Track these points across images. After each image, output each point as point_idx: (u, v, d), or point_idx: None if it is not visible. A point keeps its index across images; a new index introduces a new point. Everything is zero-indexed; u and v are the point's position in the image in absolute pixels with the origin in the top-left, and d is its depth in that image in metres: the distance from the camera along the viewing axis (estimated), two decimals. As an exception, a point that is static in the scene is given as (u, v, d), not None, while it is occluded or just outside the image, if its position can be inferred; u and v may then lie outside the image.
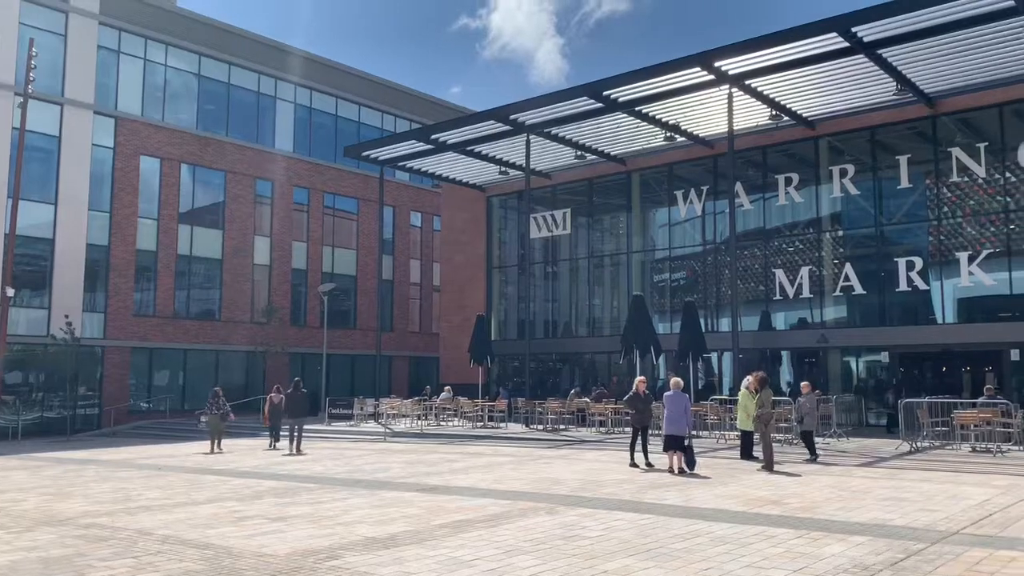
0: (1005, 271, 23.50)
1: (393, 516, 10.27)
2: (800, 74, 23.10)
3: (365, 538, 8.85)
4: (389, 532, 9.17)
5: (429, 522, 9.78)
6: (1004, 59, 21.27)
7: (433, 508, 10.82)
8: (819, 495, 11.43)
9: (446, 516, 10.16)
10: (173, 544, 8.77)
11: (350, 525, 9.67)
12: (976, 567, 7.17)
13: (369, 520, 10.00)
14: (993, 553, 7.69)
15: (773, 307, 28.03)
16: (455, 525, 9.54)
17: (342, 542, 8.67)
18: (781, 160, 28.41)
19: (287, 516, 10.41)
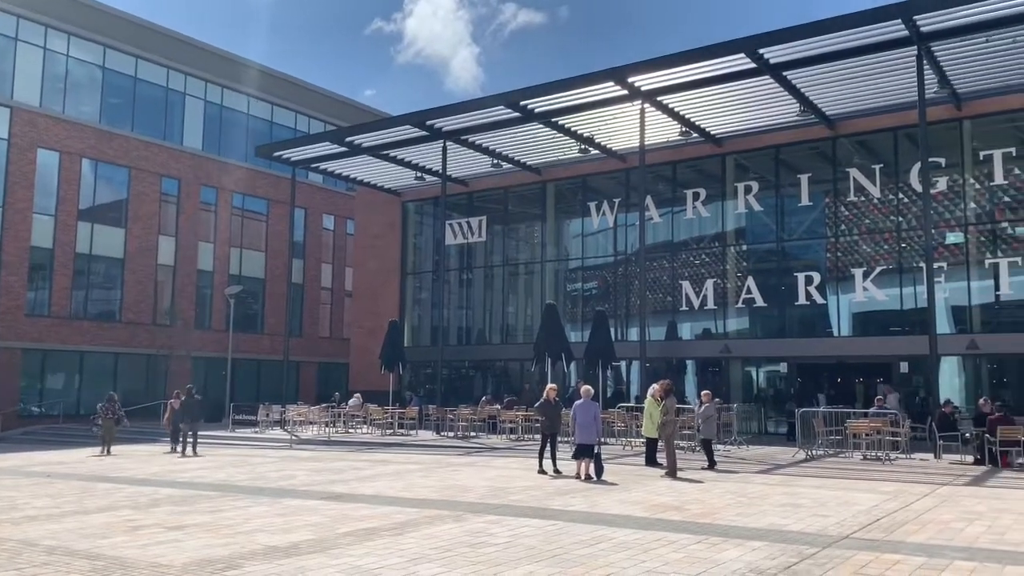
0: (896, 287, 24.76)
1: (296, 524, 10.07)
2: (709, 92, 23.81)
3: (266, 547, 8.65)
4: (292, 541, 9.00)
5: (334, 530, 9.63)
6: (898, 86, 22.40)
7: (338, 516, 10.66)
8: (719, 501, 11.77)
9: (351, 524, 10.03)
10: (60, 555, 8.38)
11: (251, 534, 9.44)
12: (863, 570, 7.52)
13: (271, 528, 9.78)
14: (879, 556, 8.07)
15: (680, 318, 28.76)
16: (360, 533, 9.43)
17: (242, 551, 8.46)
18: (690, 175, 29.22)
19: (185, 525, 10.08)
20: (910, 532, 9.33)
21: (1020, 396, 22.32)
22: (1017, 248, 23.54)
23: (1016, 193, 23.63)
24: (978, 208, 24.33)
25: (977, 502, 11.71)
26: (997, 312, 23.77)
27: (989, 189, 24.00)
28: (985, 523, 9.90)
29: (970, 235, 24.28)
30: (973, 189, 24.30)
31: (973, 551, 8.28)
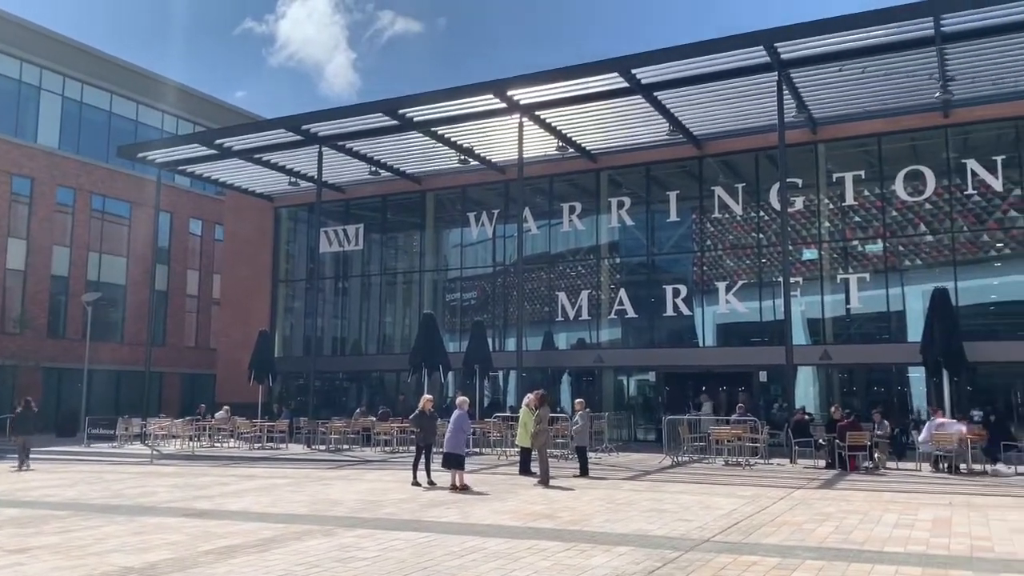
0: (756, 300, 26.06)
1: (155, 543, 9.56)
2: (585, 109, 24.40)
3: (121, 568, 8.17)
4: (148, 561, 8.53)
5: (194, 548, 9.21)
6: (760, 110, 23.61)
7: (200, 534, 10.20)
8: (589, 508, 12.01)
9: (214, 542, 9.62)
10: None
11: (104, 555, 8.89)
12: (722, 572, 7.83)
13: (127, 548, 9.25)
14: (737, 558, 8.43)
15: (556, 328, 29.24)
16: (223, 551, 9.05)
17: (94, 574, 7.95)
18: (566, 189, 29.82)
19: (29, 547, 9.39)
20: (766, 534, 9.80)
21: (868, 403, 23.87)
22: (866, 265, 25.25)
23: (865, 213, 25.34)
24: (831, 227, 25.94)
25: (827, 504, 12.43)
26: (848, 324, 25.40)
27: (841, 209, 25.65)
28: (834, 524, 10.52)
29: (824, 252, 25.85)
30: (827, 209, 25.90)
31: (822, 551, 8.78)
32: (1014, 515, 11.23)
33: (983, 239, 24.03)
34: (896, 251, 24.90)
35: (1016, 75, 21.47)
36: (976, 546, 8.99)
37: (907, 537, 9.54)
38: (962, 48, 20.09)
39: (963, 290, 23.14)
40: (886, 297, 24.48)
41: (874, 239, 25.24)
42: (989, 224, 23.80)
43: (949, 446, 16.87)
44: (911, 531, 9.95)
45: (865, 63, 20.95)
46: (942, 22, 18.84)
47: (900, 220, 24.85)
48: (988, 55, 20.51)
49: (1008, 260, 23.71)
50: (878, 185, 25.07)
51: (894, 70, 21.23)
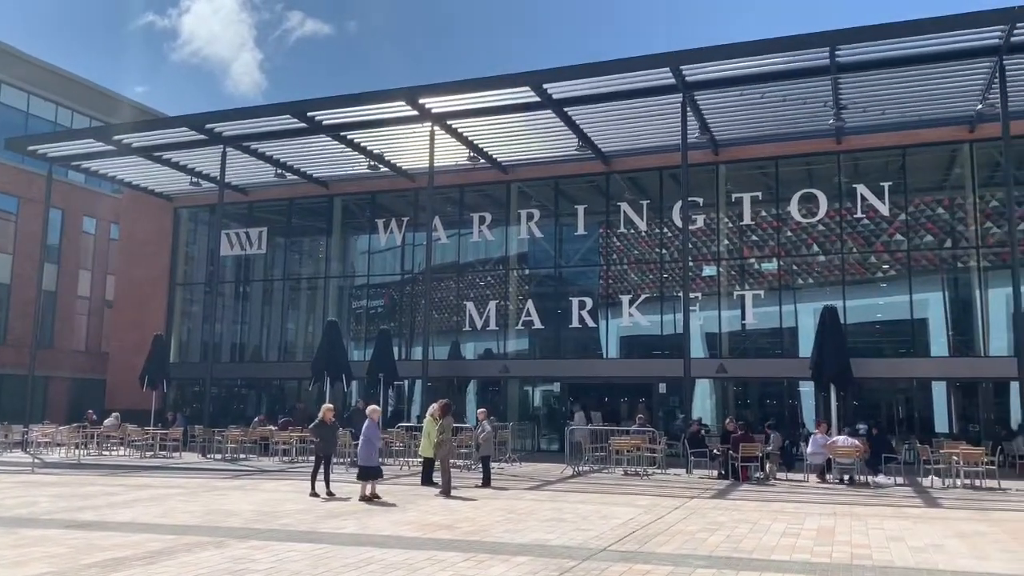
0: (658, 314, 26.73)
1: (34, 556, 9.06)
2: (497, 120, 24.58)
3: (-8, 585, 7.72)
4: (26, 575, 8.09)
5: (77, 562, 8.77)
6: (665, 129, 24.26)
7: (83, 546, 9.73)
8: (489, 519, 12.04)
9: (98, 555, 9.19)
10: None
11: (-26, 571, 8.37)
12: (616, 579, 7.97)
13: (2, 563, 8.73)
14: (632, 567, 8.59)
15: (463, 338, 29.25)
16: (108, 564, 8.66)
17: (-39, 592, 7.48)
18: (477, 199, 29.93)
19: None
20: (661, 543, 10.03)
21: (761, 416, 24.78)
22: (761, 282, 26.25)
23: (762, 233, 26.37)
24: (730, 245, 26.87)
25: (720, 513, 12.83)
26: (743, 339, 26.32)
27: (739, 228, 26.61)
28: (725, 532, 10.86)
29: (722, 269, 26.75)
30: (726, 227, 26.82)
31: (713, 559, 9.05)
32: (891, 524, 11.84)
33: (871, 260, 25.32)
34: (790, 270, 25.98)
35: (903, 106, 22.76)
36: (856, 554, 9.43)
37: (793, 545, 9.93)
38: (855, 79, 21.19)
39: (851, 309, 24.32)
40: (779, 313, 25.49)
41: (769, 258, 26.27)
42: (876, 246, 25.11)
43: (847, 459, 17.68)
44: (797, 539, 10.36)
45: (765, 89, 21.84)
46: (837, 53, 19.82)
47: (794, 240, 25.95)
48: (878, 86, 21.69)
49: (893, 281, 25.05)
50: (774, 206, 26.13)
51: (791, 97, 22.20)
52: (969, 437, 21.82)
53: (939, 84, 21.49)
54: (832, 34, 19.37)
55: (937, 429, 23.73)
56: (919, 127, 23.89)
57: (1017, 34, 18.66)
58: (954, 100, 22.33)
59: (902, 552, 9.55)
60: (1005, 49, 19.18)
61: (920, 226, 24.80)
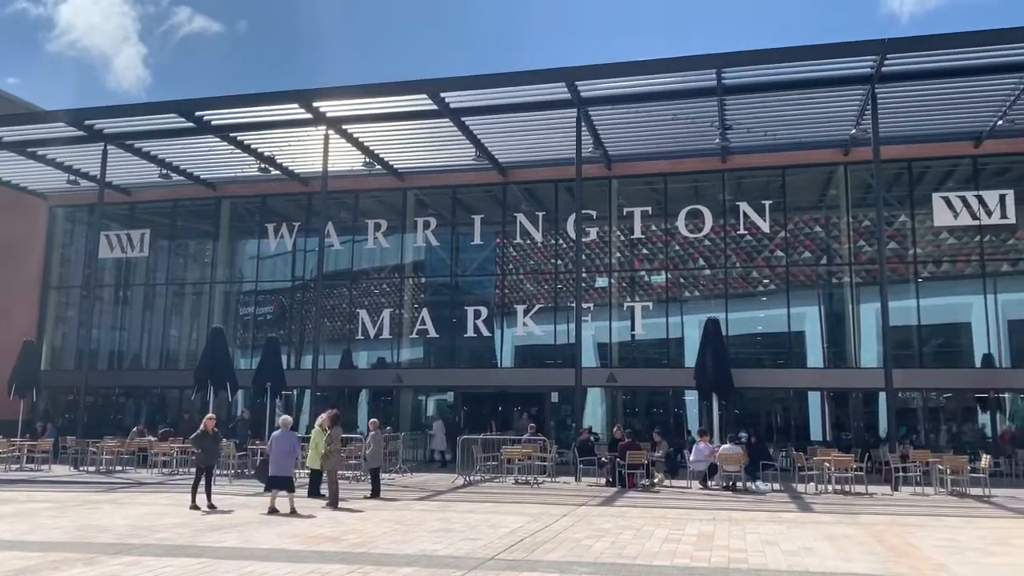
0: (552, 323, 27.08)
1: None
2: (394, 127, 24.41)
3: None
4: None
5: (-76, 586, 8.15)
6: (560, 143, 24.60)
7: (-67, 568, 9.04)
8: (377, 530, 11.88)
9: (-51, 577, 8.56)
10: None
11: None
12: (501, 588, 7.99)
13: None
14: (518, 575, 8.64)
15: (356, 346, 28.81)
16: (-41, 587, 8.08)
17: None
18: (373, 205, 29.60)
19: None
20: (548, 551, 10.13)
21: (648, 423, 25.40)
22: (650, 294, 26.98)
23: (652, 246, 27.11)
24: (621, 257, 27.50)
25: (606, 520, 13.06)
26: (632, 349, 26.96)
27: (631, 241, 27.28)
28: (610, 539, 11.07)
29: (614, 280, 27.34)
30: (618, 240, 27.44)
31: (597, 565, 9.21)
32: (767, 528, 12.34)
33: (752, 275, 26.41)
34: (677, 282, 26.81)
35: (784, 128, 23.88)
36: (733, 558, 9.77)
37: (674, 551, 10.21)
38: (740, 100, 22.10)
39: (733, 321, 25.28)
40: (666, 325, 26.24)
41: (658, 270, 27.04)
42: (758, 262, 26.22)
43: (732, 466, 18.31)
44: (678, 545, 10.66)
45: (656, 107, 22.51)
46: (723, 75, 20.64)
47: (681, 254, 26.80)
48: (761, 109, 22.68)
49: (773, 295, 26.19)
50: (663, 221, 26.92)
51: (681, 116, 22.96)
52: (841, 444, 22.99)
53: (817, 109, 22.67)
54: (719, 57, 20.17)
55: (812, 437, 24.91)
56: (798, 149, 25.11)
57: (888, 64, 19.89)
58: (831, 124, 23.59)
59: (776, 555, 9.96)
60: (877, 78, 20.40)
61: (798, 243, 26.06)
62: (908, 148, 24.48)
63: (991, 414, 24.52)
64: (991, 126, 22.97)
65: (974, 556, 9.99)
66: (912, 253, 25.07)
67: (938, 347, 25.35)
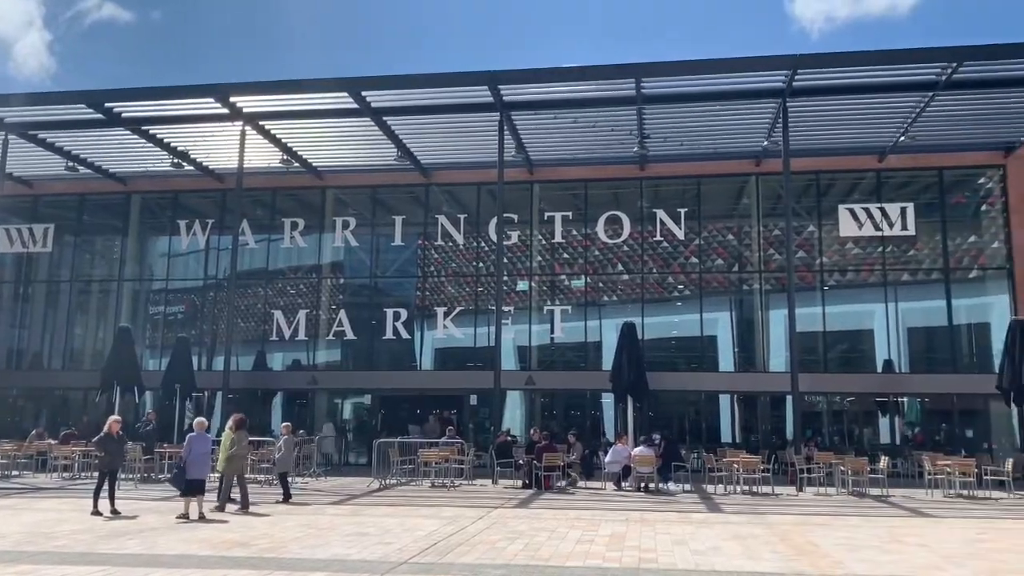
0: (472, 326, 27.09)
1: None
2: (313, 124, 24.04)
3: None
4: None
5: None
6: (483, 146, 24.61)
7: None
8: (288, 534, 11.66)
9: None
10: None
11: None
12: (414, 592, 7.95)
13: None
14: None
15: (270, 347, 28.22)
16: None
17: None
18: (290, 204, 29.07)
19: None
20: (461, 554, 10.13)
21: (566, 426, 25.64)
22: (570, 298, 27.27)
23: (572, 251, 27.42)
24: (542, 261, 27.72)
25: (521, 522, 13.14)
26: (551, 352, 27.20)
27: (551, 246, 27.53)
28: (524, 541, 11.14)
29: (534, 284, 27.54)
30: (539, 244, 27.66)
31: (511, 567, 9.26)
32: (677, 529, 12.63)
33: (668, 281, 27.00)
34: (596, 287, 27.18)
35: (699, 139, 24.51)
36: (644, 558, 9.97)
37: (587, 552, 10.35)
38: (658, 110, 22.59)
39: (649, 325, 25.79)
40: (585, 328, 26.59)
41: (578, 275, 27.37)
42: (673, 268, 26.82)
43: (646, 467, 18.65)
44: (591, 546, 10.81)
45: (577, 114, 22.80)
46: (643, 85, 21.06)
47: (601, 259, 27.20)
48: (678, 119, 23.23)
49: (687, 300, 26.82)
50: (583, 226, 27.26)
51: (601, 123, 23.31)
52: (749, 446, 23.75)
53: (731, 121, 23.35)
54: (638, 67, 20.56)
55: (723, 439, 25.62)
56: (713, 159, 25.83)
57: (799, 79, 20.64)
58: (744, 136, 24.33)
59: (685, 555, 10.21)
60: (788, 92, 21.14)
61: (712, 250, 26.77)
62: (816, 161, 25.44)
63: (890, 417, 25.68)
64: (894, 142, 24.07)
65: (870, 554, 10.45)
66: (819, 262, 26.06)
67: (842, 353, 26.43)
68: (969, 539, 11.80)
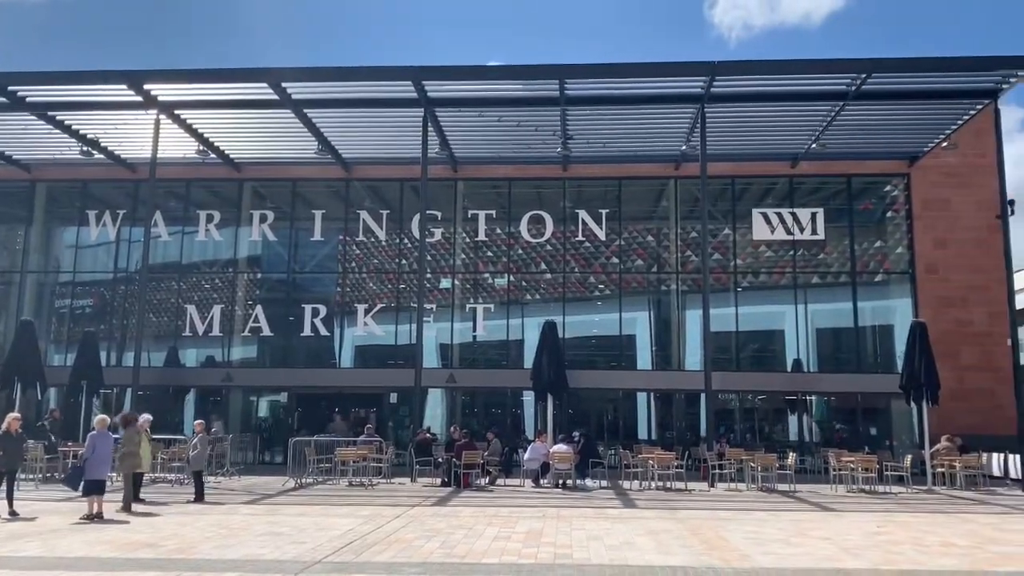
0: (393, 324, 26.88)
1: None
2: (231, 115, 23.46)
3: None
4: None
5: None
6: (406, 141, 24.37)
7: None
8: (199, 535, 11.37)
9: None
10: None
11: None
12: (327, 591, 7.86)
13: None
14: (344, 577, 8.54)
15: (183, 343, 27.40)
16: None
17: None
18: (205, 196, 28.32)
19: None
20: (377, 552, 10.06)
21: (486, 424, 25.71)
22: (493, 296, 27.33)
23: (496, 249, 27.48)
24: (465, 259, 27.71)
25: (438, 520, 13.12)
26: (473, 350, 27.22)
27: (475, 244, 27.55)
28: (441, 539, 11.13)
29: (457, 282, 27.50)
30: (463, 242, 27.64)
31: (427, 565, 9.24)
32: (592, 524, 12.81)
33: (589, 280, 27.33)
34: (519, 285, 27.32)
35: (621, 141, 24.90)
36: (559, 554, 10.08)
37: (503, 548, 10.41)
38: (581, 111, 22.83)
39: (570, 324, 26.08)
40: (507, 327, 26.70)
41: (501, 273, 27.46)
42: (595, 268, 27.17)
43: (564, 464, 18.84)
44: (507, 543, 10.87)
45: (502, 112, 22.86)
46: (566, 86, 21.25)
47: (524, 258, 27.35)
48: (601, 121, 23.54)
49: (607, 300, 27.21)
50: (507, 225, 27.36)
51: (525, 122, 23.42)
52: (665, 443, 24.27)
53: (652, 124, 23.79)
54: (562, 68, 20.77)
55: (640, 436, 26.11)
56: (633, 162, 26.28)
57: (717, 86, 21.16)
58: (664, 140, 24.81)
59: (599, 550, 10.37)
60: (707, 98, 21.66)
61: (632, 251, 27.23)
62: (732, 166, 26.16)
63: (799, 415, 26.61)
64: (806, 149, 24.93)
65: (775, 547, 10.81)
66: (733, 264, 26.79)
67: (754, 352, 27.26)
68: (869, 532, 12.33)
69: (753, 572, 9.10)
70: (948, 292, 25.38)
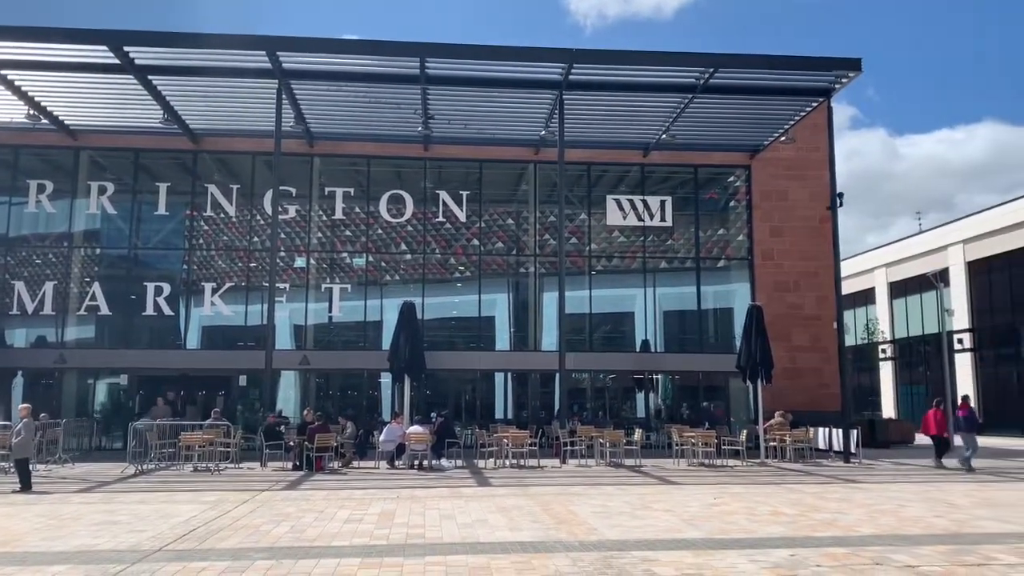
0: (243, 303, 25.93)
1: None
2: (67, 79, 21.82)
3: None
4: None
5: None
6: (260, 114, 23.47)
7: None
8: (25, 526, 10.61)
9: None
10: None
11: None
12: (167, 581, 7.54)
13: None
14: (187, 566, 8.19)
15: (9, 322, 25.43)
16: None
17: None
18: (36, 164, 26.26)
19: None
20: (222, 539, 9.73)
21: (342, 406, 25.34)
22: (350, 276, 26.85)
23: (354, 228, 26.99)
24: (322, 237, 27.07)
25: (288, 505, 12.83)
26: (329, 331, 26.69)
27: (332, 222, 26.94)
28: (291, 523, 10.89)
29: (313, 261, 26.83)
30: (319, 220, 26.96)
31: (275, 550, 9.02)
32: (446, 504, 12.90)
33: (450, 262, 27.36)
34: (379, 266, 26.98)
35: (482, 123, 24.98)
36: (411, 534, 10.09)
37: (355, 531, 10.31)
38: (442, 92, 22.70)
39: (430, 305, 26.04)
40: (365, 307, 26.33)
41: (360, 253, 27.01)
42: (455, 249, 27.21)
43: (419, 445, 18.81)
44: (359, 525, 10.78)
45: (360, 88, 22.40)
46: (427, 64, 21.07)
47: (384, 238, 27.02)
48: (462, 102, 23.49)
49: (467, 281, 27.34)
50: (366, 203, 26.93)
51: (385, 100, 23.08)
52: (520, 422, 24.72)
53: (512, 108, 23.99)
54: (423, 46, 20.57)
55: (497, 415, 26.49)
56: (494, 144, 26.46)
57: (575, 73, 21.58)
58: (524, 124, 25.09)
59: (451, 529, 10.46)
60: (565, 85, 22.05)
61: (492, 233, 27.46)
62: (589, 152, 26.82)
63: (646, 393, 27.79)
64: (657, 139, 25.88)
65: (621, 519, 11.27)
66: (588, 248, 27.54)
67: (606, 333, 28.20)
68: (706, 503, 13.06)
69: (599, 544, 9.44)
70: (782, 278, 27.16)
